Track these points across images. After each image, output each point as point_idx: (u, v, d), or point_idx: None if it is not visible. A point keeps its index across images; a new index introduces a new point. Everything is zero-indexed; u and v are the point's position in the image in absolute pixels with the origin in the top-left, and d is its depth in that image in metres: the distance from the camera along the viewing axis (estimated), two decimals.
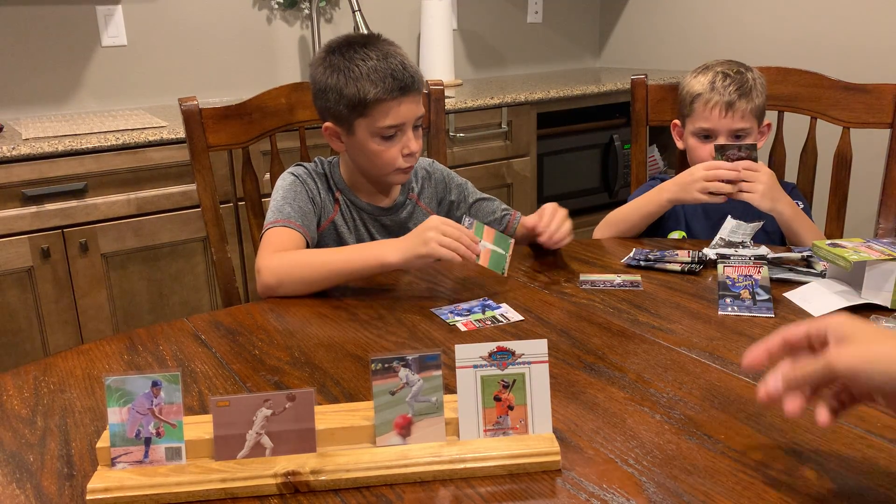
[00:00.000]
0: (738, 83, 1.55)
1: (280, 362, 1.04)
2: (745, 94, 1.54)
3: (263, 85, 1.70)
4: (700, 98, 1.57)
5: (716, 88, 1.55)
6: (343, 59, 1.34)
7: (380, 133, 1.35)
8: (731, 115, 1.54)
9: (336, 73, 1.34)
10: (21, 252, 2.00)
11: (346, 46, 1.36)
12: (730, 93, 1.54)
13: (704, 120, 1.57)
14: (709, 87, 1.56)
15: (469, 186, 1.59)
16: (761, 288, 1.18)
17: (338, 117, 1.38)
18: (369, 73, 1.32)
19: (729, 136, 1.55)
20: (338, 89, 1.34)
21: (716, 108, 1.55)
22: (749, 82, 1.56)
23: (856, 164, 1.68)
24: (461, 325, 1.14)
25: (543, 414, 0.81)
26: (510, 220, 1.57)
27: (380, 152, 1.37)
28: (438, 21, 2.91)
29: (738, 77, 1.56)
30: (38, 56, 2.47)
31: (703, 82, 1.57)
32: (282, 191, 1.41)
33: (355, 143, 1.38)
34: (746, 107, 1.54)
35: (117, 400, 0.76)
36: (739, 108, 1.54)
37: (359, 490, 0.77)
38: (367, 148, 1.37)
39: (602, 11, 3.57)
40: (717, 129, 1.56)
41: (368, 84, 1.32)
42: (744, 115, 1.54)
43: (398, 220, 1.49)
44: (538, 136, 2.77)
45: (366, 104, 1.33)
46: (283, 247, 1.32)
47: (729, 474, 0.77)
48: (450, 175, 1.58)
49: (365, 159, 1.40)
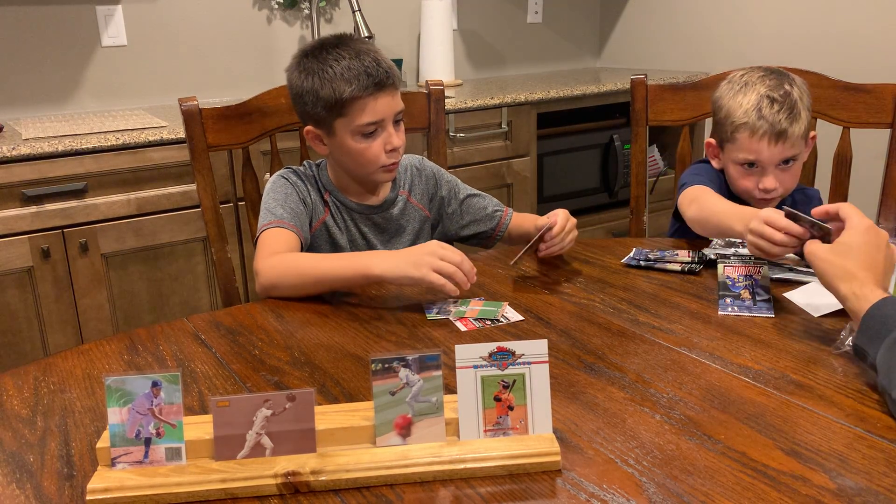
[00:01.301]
0: (787, 107, 1.37)
1: (280, 362, 1.04)
2: (796, 117, 1.38)
3: (263, 85, 1.70)
4: (745, 127, 1.39)
5: (763, 117, 1.37)
6: (317, 62, 1.35)
7: (360, 131, 1.35)
8: (781, 144, 1.38)
9: (311, 75, 1.35)
10: (21, 252, 2.00)
11: (319, 49, 1.36)
12: (780, 122, 1.37)
13: (750, 151, 1.40)
14: (755, 116, 1.38)
15: (459, 184, 1.58)
16: (761, 288, 1.18)
17: (317, 120, 1.38)
18: (343, 72, 1.32)
19: (779, 163, 1.41)
20: (314, 92, 1.34)
21: (764, 139, 1.38)
22: (795, 100, 1.38)
23: (856, 164, 1.68)
24: (461, 325, 1.14)
25: (543, 414, 0.81)
26: (501, 218, 1.56)
27: (362, 150, 1.37)
28: (438, 21, 2.91)
29: (786, 100, 1.38)
30: (38, 56, 2.47)
31: (745, 108, 1.40)
32: (272, 193, 1.41)
33: (337, 144, 1.38)
34: (797, 132, 1.38)
35: (117, 400, 0.76)
36: (791, 135, 1.37)
37: (359, 490, 0.76)
38: (349, 147, 1.37)
39: (602, 11, 3.57)
40: (766, 160, 1.40)
41: (343, 83, 1.32)
42: (795, 141, 1.39)
43: (390, 218, 1.50)
44: (538, 136, 2.77)
45: (342, 103, 1.33)
46: (279, 248, 1.32)
47: (729, 474, 0.77)
48: (439, 172, 1.58)
49: (349, 159, 1.40)
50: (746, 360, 1.00)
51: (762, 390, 0.93)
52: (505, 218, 1.56)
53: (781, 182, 1.43)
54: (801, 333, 1.08)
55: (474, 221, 1.56)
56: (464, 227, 1.57)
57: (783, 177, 1.43)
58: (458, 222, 1.57)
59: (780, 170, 1.43)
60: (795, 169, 1.45)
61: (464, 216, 1.56)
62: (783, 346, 1.05)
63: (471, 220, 1.56)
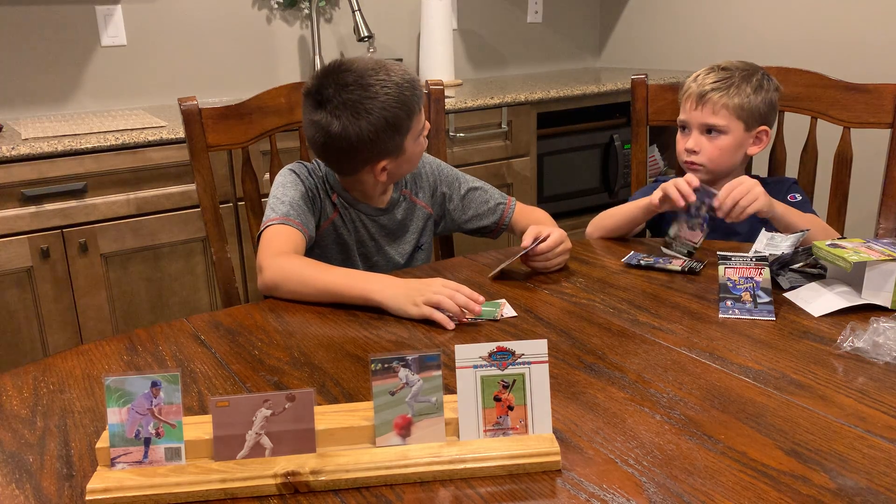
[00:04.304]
0: (719, 77, 1.50)
1: (280, 362, 1.04)
2: (722, 88, 1.49)
3: (263, 85, 1.70)
4: (682, 89, 1.56)
5: (696, 80, 1.53)
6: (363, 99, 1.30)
7: (420, 133, 1.39)
8: (701, 108, 1.51)
9: (369, 114, 1.30)
10: (21, 252, 2.00)
11: (344, 88, 1.30)
12: (705, 84, 1.50)
13: (682, 111, 1.55)
14: (692, 80, 1.54)
15: (461, 177, 1.58)
16: (762, 290, 1.17)
17: (390, 149, 1.35)
18: (398, 93, 1.31)
19: (701, 129, 1.52)
20: (384, 126, 1.31)
21: (690, 99, 1.53)
22: (733, 79, 1.50)
23: (856, 164, 1.68)
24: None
25: (543, 414, 0.81)
26: (504, 210, 1.56)
27: (420, 146, 1.40)
28: (438, 21, 2.91)
29: (723, 72, 1.51)
30: (38, 56, 2.47)
31: (693, 75, 1.56)
32: (281, 188, 1.40)
33: (404, 158, 1.39)
34: (720, 101, 1.49)
35: (117, 400, 0.76)
36: (711, 100, 1.49)
37: (358, 490, 0.76)
38: (413, 154, 1.39)
39: (602, 11, 3.57)
40: (689, 120, 1.54)
41: (400, 104, 1.31)
42: (715, 109, 1.49)
43: (395, 220, 1.49)
44: (538, 136, 2.77)
45: (410, 119, 1.34)
46: (282, 245, 1.31)
47: (729, 474, 0.77)
48: (440, 167, 1.58)
49: (407, 165, 1.42)
50: (746, 360, 1.00)
51: (762, 390, 0.93)
52: (508, 209, 1.56)
53: (703, 149, 1.53)
54: (801, 333, 1.08)
55: (477, 216, 1.56)
56: (467, 222, 1.57)
57: (707, 145, 1.53)
58: (461, 217, 1.57)
59: (706, 138, 1.53)
60: (722, 143, 1.53)
61: (466, 211, 1.56)
62: (783, 346, 1.05)
63: (473, 215, 1.56)
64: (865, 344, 1.02)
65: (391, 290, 1.19)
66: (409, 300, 1.16)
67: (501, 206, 1.56)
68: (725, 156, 1.53)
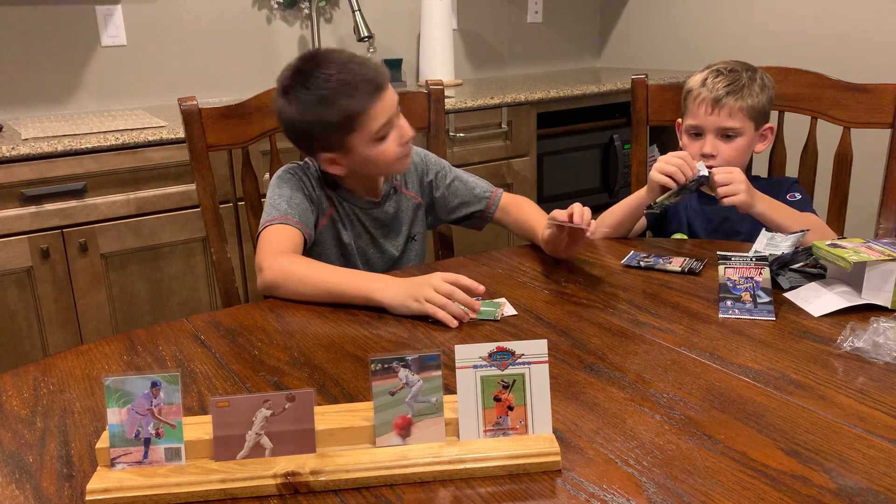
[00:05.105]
0: (729, 80, 1.52)
1: (280, 362, 1.04)
2: (736, 91, 1.52)
3: (263, 85, 1.70)
4: (691, 94, 1.56)
5: (706, 85, 1.53)
6: (305, 91, 1.31)
7: (375, 137, 1.35)
8: (717, 112, 1.52)
9: (308, 105, 1.31)
10: (20, 252, 2.00)
11: (300, 76, 1.32)
12: (718, 89, 1.52)
13: (694, 117, 1.55)
14: (700, 84, 1.54)
15: (447, 166, 1.58)
16: (762, 290, 1.17)
17: (329, 145, 1.36)
18: (340, 88, 1.30)
19: (717, 133, 1.53)
20: (319, 120, 1.32)
21: (703, 105, 1.53)
22: (742, 80, 1.53)
23: (856, 164, 1.67)
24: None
25: (543, 414, 0.81)
26: (491, 198, 1.56)
27: (382, 153, 1.37)
28: (438, 21, 2.91)
29: (732, 75, 1.53)
30: (38, 56, 2.47)
31: (698, 79, 1.56)
32: (278, 189, 1.41)
33: (356, 158, 1.37)
34: (735, 105, 1.51)
35: (117, 400, 0.76)
36: (727, 104, 1.51)
37: (358, 490, 0.76)
38: (367, 156, 1.37)
39: (602, 11, 3.57)
40: (704, 125, 1.54)
41: (346, 99, 1.30)
42: (731, 112, 1.51)
43: (387, 213, 1.50)
44: (538, 136, 2.77)
45: (353, 119, 1.32)
46: (283, 246, 1.31)
47: (729, 474, 0.77)
48: (427, 156, 1.58)
49: (371, 167, 1.40)
50: (746, 360, 1.00)
51: (762, 390, 0.93)
52: (494, 198, 1.56)
53: (720, 152, 1.53)
54: (801, 333, 1.08)
55: (463, 203, 1.57)
56: (453, 210, 1.57)
57: (723, 148, 1.54)
58: (447, 205, 1.57)
59: (722, 141, 1.54)
60: (738, 145, 1.54)
61: (453, 198, 1.57)
62: (783, 346, 1.05)
63: (460, 203, 1.57)
64: (865, 344, 1.02)
65: (392, 289, 1.19)
66: (411, 297, 1.17)
67: (488, 195, 1.56)
68: (742, 156, 1.55)
